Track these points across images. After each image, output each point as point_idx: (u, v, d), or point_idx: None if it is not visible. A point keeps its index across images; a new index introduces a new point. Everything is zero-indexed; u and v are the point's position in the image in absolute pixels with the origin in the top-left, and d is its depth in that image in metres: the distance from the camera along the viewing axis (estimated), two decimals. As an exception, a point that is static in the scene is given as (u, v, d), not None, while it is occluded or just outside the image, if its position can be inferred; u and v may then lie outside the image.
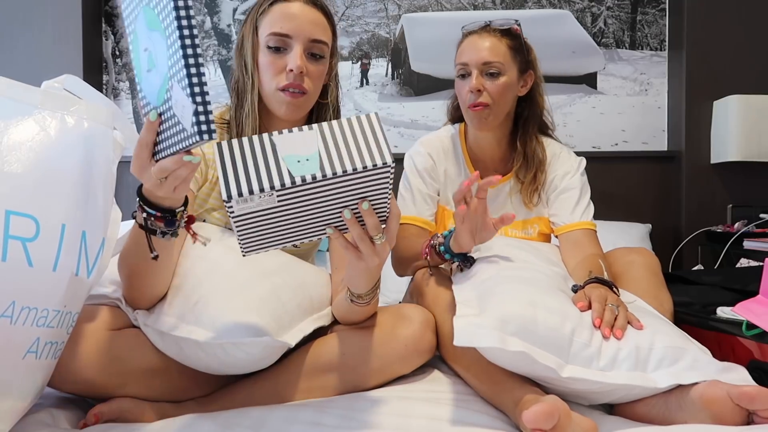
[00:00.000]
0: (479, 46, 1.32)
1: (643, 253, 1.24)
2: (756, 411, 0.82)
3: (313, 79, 1.08)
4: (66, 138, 0.81)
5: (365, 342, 1.02)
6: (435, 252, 1.21)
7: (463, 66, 1.34)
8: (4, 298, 0.72)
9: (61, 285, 0.79)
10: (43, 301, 0.76)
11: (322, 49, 1.08)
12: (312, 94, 1.09)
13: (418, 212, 1.41)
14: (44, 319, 0.77)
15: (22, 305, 0.73)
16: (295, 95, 1.06)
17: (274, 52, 1.06)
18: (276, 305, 0.96)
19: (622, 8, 2.51)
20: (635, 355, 0.90)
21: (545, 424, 0.78)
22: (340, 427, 0.86)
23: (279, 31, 1.05)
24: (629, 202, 2.43)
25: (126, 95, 2.67)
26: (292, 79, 1.05)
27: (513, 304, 0.93)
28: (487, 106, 1.32)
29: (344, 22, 2.61)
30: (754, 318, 1.06)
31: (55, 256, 0.77)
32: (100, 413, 0.90)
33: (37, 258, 0.75)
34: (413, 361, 1.05)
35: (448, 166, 1.45)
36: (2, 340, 0.72)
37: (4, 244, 0.72)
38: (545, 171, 1.40)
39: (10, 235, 0.72)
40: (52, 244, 0.77)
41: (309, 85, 1.07)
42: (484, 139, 1.42)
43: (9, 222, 0.73)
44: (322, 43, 1.08)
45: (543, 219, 1.43)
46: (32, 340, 0.76)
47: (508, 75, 1.33)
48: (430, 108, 2.55)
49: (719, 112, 2.28)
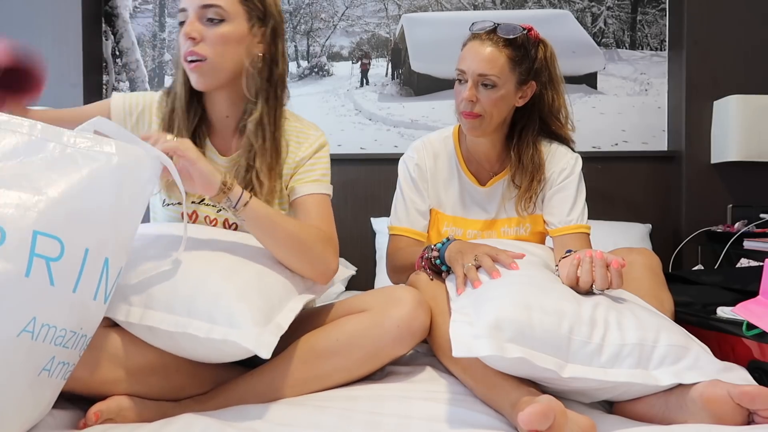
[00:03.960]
0: (478, 56, 1.31)
1: (644, 254, 1.24)
2: (756, 411, 0.82)
3: (212, 45, 1.08)
4: (96, 173, 0.84)
5: (358, 325, 1.04)
6: (430, 264, 1.22)
7: (460, 72, 1.34)
8: (26, 313, 0.74)
9: (80, 306, 0.81)
10: (61, 320, 0.78)
11: (217, 12, 1.07)
12: (215, 60, 1.09)
13: (411, 224, 1.43)
14: (62, 338, 0.79)
15: (43, 322, 0.76)
16: (194, 64, 1.08)
17: (180, 26, 1.10)
18: (263, 289, 0.97)
19: (622, 8, 2.51)
20: (638, 352, 0.90)
21: (540, 424, 0.78)
22: (339, 427, 0.86)
23: (180, 7, 1.10)
24: (629, 202, 2.43)
25: (126, 95, 2.67)
26: (187, 47, 1.08)
27: (508, 308, 0.92)
28: (479, 116, 1.32)
29: (344, 22, 2.61)
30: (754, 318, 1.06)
31: (76, 278, 0.80)
32: (100, 412, 0.90)
33: (59, 278, 0.77)
34: (407, 342, 1.05)
35: (440, 169, 1.45)
36: (23, 355, 0.74)
37: (29, 261, 0.74)
38: (543, 177, 1.40)
39: (35, 253, 0.75)
40: (74, 266, 0.79)
41: (206, 50, 1.07)
42: (478, 141, 1.42)
43: (35, 241, 0.76)
44: (213, 6, 1.07)
45: (537, 217, 1.43)
46: (48, 358, 0.78)
47: (504, 88, 1.31)
48: (430, 108, 2.55)
49: (719, 112, 2.28)
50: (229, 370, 1.04)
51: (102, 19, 2.65)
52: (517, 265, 1.09)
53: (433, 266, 1.23)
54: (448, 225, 1.45)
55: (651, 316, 0.98)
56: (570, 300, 0.97)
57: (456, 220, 1.46)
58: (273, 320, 0.94)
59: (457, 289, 1.09)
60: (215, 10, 1.07)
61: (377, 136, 2.58)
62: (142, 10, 2.66)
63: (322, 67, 2.62)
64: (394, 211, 1.46)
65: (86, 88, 2.53)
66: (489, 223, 1.46)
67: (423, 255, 1.26)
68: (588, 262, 1.04)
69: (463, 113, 1.33)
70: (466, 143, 1.45)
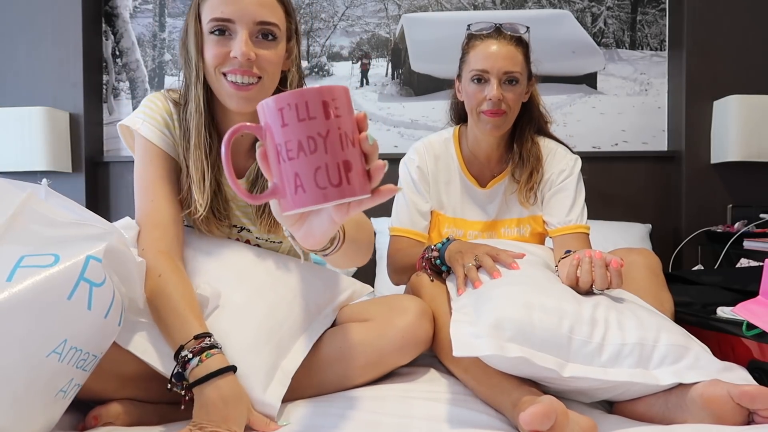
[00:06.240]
0: (499, 54, 1.32)
1: (644, 254, 1.24)
2: (756, 410, 0.82)
3: (269, 64, 0.99)
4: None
5: (362, 334, 1.03)
6: (431, 265, 1.23)
7: (480, 72, 1.34)
8: (60, 335, 0.74)
9: (106, 332, 0.82)
10: (88, 344, 0.79)
11: (273, 30, 0.99)
12: (267, 82, 1.00)
13: (412, 225, 1.44)
14: (83, 361, 0.79)
15: (72, 345, 0.76)
16: (249, 85, 0.98)
17: (218, 39, 0.97)
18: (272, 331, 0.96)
19: (622, 8, 2.51)
20: (639, 352, 0.90)
21: (542, 425, 0.78)
22: (339, 427, 0.86)
23: (220, 16, 0.96)
24: (629, 202, 2.43)
25: (126, 95, 2.67)
26: (237, 66, 0.97)
27: (508, 308, 0.93)
28: (504, 113, 1.34)
29: (344, 22, 2.61)
30: (754, 318, 1.06)
31: (109, 304, 0.81)
32: (99, 416, 0.89)
33: (96, 303, 0.78)
34: (410, 351, 1.05)
35: (441, 170, 1.46)
36: (47, 377, 0.74)
37: (76, 285, 0.76)
38: (541, 169, 1.41)
39: (84, 277, 0.77)
40: (108, 292, 0.81)
41: (261, 70, 0.99)
42: (485, 141, 1.42)
43: (87, 265, 0.77)
44: (272, 24, 0.98)
45: (537, 218, 1.44)
46: (68, 380, 0.78)
47: (522, 84, 1.36)
48: (430, 108, 2.55)
49: (719, 112, 2.28)
50: None
51: (102, 19, 2.65)
52: (518, 265, 1.09)
53: (434, 266, 1.23)
54: (449, 226, 1.46)
55: (651, 316, 0.98)
56: (570, 300, 0.97)
57: (457, 222, 1.46)
58: (279, 367, 0.94)
59: (458, 289, 1.09)
60: (272, 28, 0.99)
61: (377, 136, 2.57)
62: (142, 10, 2.66)
63: (322, 67, 2.62)
64: (395, 212, 1.47)
65: (86, 88, 2.53)
66: (490, 224, 1.46)
67: (423, 255, 1.26)
68: (587, 262, 1.04)
69: (487, 112, 1.34)
70: (468, 145, 1.46)
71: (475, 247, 1.16)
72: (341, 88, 0.56)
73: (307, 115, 0.53)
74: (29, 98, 2.49)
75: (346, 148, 0.54)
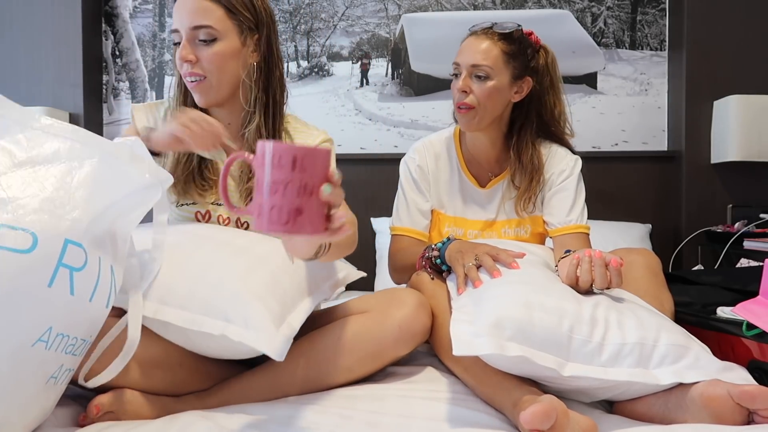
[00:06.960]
0: (472, 48, 1.34)
1: (644, 254, 1.24)
2: (756, 410, 0.82)
3: (209, 62, 1.11)
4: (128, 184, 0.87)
5: (360, 325, 1.04)
6: (431, 264, 1.23)
7: (455, 65, 1.37)
8: (44, 323, 0.74)
9: (93, 315, 0.81)
10: (75, 329, 0.78)
11: (209, 32, 1.10)
12: (214, 77, 1.12)
13: (412, 224, 1.44)
14: (72, 346, 0.79)
15: (58, 331, 0.75)
16: (194, 83, 1.13)
17: (175, 47, 1.14)
18: (278, 290, 0.97)
19: (622, 8, 2.51)
20: (639, 351, 0.90)
21: (542, 424, 0.78)
22: (339, 427, 0.86)
23: (173, 28, 1.13)
24: (629, 202, 2.43)
25: (126, 95, 2.67)
26: (185, 69, 1.12)
27: (508, 307, 0.93)
28: (472, 108, 1.33)
29: (344, 22, 2.61)
30: (754, 318, 1.06)
31: (93, 288, 0.80)
32: (101, 404, 0.90)
33: (79, 288, 0.77)
34: (408, 343, 1.06)
35: (441, 170, 1.46)
36: (34, 365, 0.74)
37: (55, 271, 0.74)
38: (542, 178, 1.41)
39: (62, 263, 0.75)
40: (92, 276, 0.80)
41: (203, 69, 1.11)
42: (477, 139, 1.43)
43: (65, 250, 0.76)
44: (205, 27, 1.09)
45: (537, 218, 1.44)
46: (57, 366, 0.78)
47: (497, 79, 1.33)
48: (430, 108, 2.55)
49: (719, 112, 2.28)
50: (231, 367, 1.04)
51: (102, 19, 2.65)
52: (518, 265, 1.09)
53: (434, 266, 1.23)
54: (449, 225, 1.46)
55: (651, 316, 0.98)
56: (570, 299, 0.97)
57: (457, 221, 1.46)
58: (285, 320, 0.95)
59: (458, 288, 1.09)
60: (206, 30, 1.10)
61: (377, 136, 2.58)
62: (142, 10, 2.66)
63: (322, 67, 2.62)
64: (395, 211, 1.47)
65: (86, 88, 2.53)
66: (489, 223, 1.46)
67: (424, 254, 1.26)
68: (587, 261, 1.04)
69: (457, 105, 1.35)
70: (467, 144, 1.46)
71: (475, 247, 1.16)
72: (318, 151, 0.68)
73: (279, 165, 0.67)
74: (29, 98, 2.49)
75: (301, 197, 0.67)
